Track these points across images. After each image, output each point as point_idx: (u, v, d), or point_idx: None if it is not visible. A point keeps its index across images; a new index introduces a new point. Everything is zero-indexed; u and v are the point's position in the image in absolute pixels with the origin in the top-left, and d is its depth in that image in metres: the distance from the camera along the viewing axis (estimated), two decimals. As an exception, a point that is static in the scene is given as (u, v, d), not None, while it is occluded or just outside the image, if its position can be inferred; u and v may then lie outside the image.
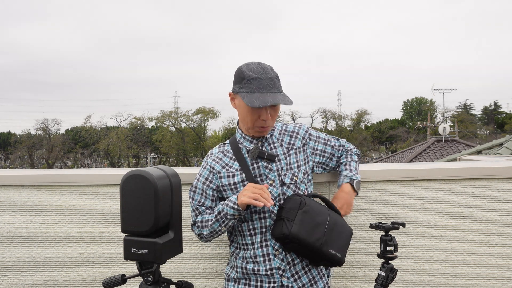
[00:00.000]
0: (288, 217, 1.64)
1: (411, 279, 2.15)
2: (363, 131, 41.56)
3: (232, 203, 1.67)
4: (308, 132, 1.89)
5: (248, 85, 1.65)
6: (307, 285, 1.76)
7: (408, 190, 2.15)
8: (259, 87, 1.64)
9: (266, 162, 1.76)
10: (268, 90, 1.65)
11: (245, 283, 1.78)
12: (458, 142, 17.98)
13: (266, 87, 1.65)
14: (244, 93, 1.66)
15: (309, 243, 1.63)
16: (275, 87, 1.67)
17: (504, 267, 2.14)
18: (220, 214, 1.70)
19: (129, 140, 38.64)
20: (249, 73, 1.66)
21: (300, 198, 1.69)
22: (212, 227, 1.73)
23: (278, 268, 1.73)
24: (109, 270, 2.23)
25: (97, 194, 2.23)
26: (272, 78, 1.67)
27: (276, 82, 1.68)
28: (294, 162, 1.81)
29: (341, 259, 1.69)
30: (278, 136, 1.84)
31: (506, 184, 2.14)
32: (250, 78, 1.65)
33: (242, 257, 1.78)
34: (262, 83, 1.65)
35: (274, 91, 1.66)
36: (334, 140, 1.97)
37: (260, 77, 1.65)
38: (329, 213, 1.71)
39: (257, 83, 1.64)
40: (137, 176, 1.45)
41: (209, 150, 1.91)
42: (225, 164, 1.80)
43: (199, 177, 1.83)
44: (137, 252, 1.47)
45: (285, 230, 1.62)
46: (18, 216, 2.27)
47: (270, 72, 1.68)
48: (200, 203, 1.80)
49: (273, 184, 1.75)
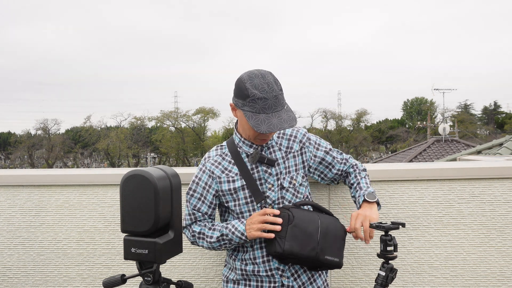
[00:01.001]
0: (279, 234, 1.64)
1: (411, 279, 2.15)
2: (363, 131, 41.53)
3: (239, 233, 1.68)
4: (306, 136, 1.87)
5: (252, 104, 1.59)
6: (307, 283, 1.78)
7: (408, 190, 2.15)
8: (264, 107, 1.59)
9: (265, 166, 1.76)
10: (273, 110, 1.60)
11: (245, 284, 1.78)
12: (458, 142, 17.99)
13: (272, 107, 1.60)
14: (249, 113, 1.60)
15: (305, 255, 1.63)
16: (280, 105, 1.62)
17: (504, 267, 2.14)
18: (223, 237, 1.72)
19: (129, 140, 38.65)
20: (253, 91, 1.59)
21: (288, 212, 1.67)
22: (212, 245, 1.75)
23: (278, 268, 1.73)
24: (109, 270, 2.23)
25: (97, 194, 2.23)
26: (277, 96, 1.61)
27: (281, 99, 1.63)
28: (293, 166, 1.81)
29: (339, 263, 1.68)
30: (277, 140, 1.83)
31: (506, 184, 2.14)
32: (255, 97, 1.58)
33: (241, 259, 1.78)
34: (268, 103, 1.59)
35: (279, 109, 1.62)
36: (337, 153, 1.92)
37: (266, 97, 1.59)
38: (320, 219, 1.69)
39: (262, 103, 1.59)
40: (137, 176, 1.45)
41: (209, 150, 1.90)
42: (224, 168, 1.78)
43: (197, 180, 1.80)
44: (137, 252, 1.46)
45: (278, 249, 1.62)
46: (18, 216, 2.27)
47: (275, 88, 1.61)
48: (196, 208, 1.79)
49: (272, 188, 1.75)
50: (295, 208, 1.70)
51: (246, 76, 1.64)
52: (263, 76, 1.63)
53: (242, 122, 1.72)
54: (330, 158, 1.88)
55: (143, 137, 40.52)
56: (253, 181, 1.74)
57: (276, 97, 1.61)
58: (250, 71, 1.68)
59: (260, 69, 1.68)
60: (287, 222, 1.65)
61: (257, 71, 1.66)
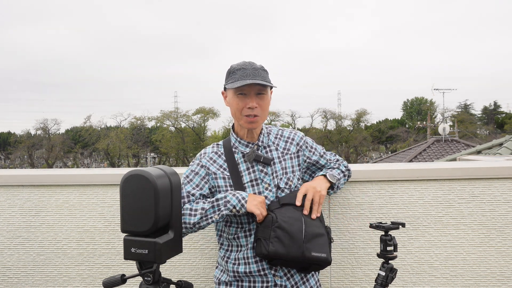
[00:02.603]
0: (264, 236, 1.66)
1: (411, 279, 2.15)
2: (363, 131, 41.51)
3: (240, 197, 1.68)
4: (304, 140, 1.90)
5: (233, 76, 1.74)
6: (300, 282, 1.79)
7: (408, 190, 2.15)
8: (243, 75, 1.71)
9: (261, 166, 1.78)
10: (252, 78, 1.70)
11: (237, 285, 1.78)
12: (458, 142, 17.99)
13: (250, 75, 1.71)
14: (230, 83, 1.74)
15: (291, 255, 1.63)
16: (260, 76, 1.72)
17: (504, 267, 2.14)
18: (219, 200, 1.68)
19: (129, 140, 38.64)
20: (234, 66, 1.77)
21: (271, 214, 1.68)
22: (205, 213, 1.68)
23: (270, 267, 1.74)
24: (109, 270, 2.24)
25: (97, 194, 2.23)
26: (256, 68, 1.74)
27: (261, 72, 1.74)
28: (290, 167, 1.82)
29: (327, 259, 1.67)
30: (274, 140, 1.86)
31: (506, 184, 2.14)
32: (235, 69, 1.75)
33: (234, 259, 1.78)
34: (246, 72, 1.72)
35: (258, 79, 1.71)
36: (331, 155, 1.98)
37: (244, 67, 1.73)
38: (303, 217, 1.70)
39: (241, 73, 1.72)
40: (137, 176, 1.45)
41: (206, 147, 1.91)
42: (219, 166, 1.81)
43: (196, 171, 1.80)
44: (137, 252, 1.46)
45: (264, 251, 1.64)
46: (18, 216, 2.27)
47: (255, 65, 1.75)
48: (191, 193, 1.75)
49: (269, 187, 1.76)
50: (279, 208, 1.71)
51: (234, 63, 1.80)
52: (249, 61, 1.78)
53: (229, 103, 1.80)
54: (324, 161, 1.94)
55: (143, 137, 40.52)
56: (241, 185, 1.76)
57: (255, 69, 1.73)
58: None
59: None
60: (271, 223, 1.66)
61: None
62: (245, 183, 1.77)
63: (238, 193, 1.70)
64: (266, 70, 1.78)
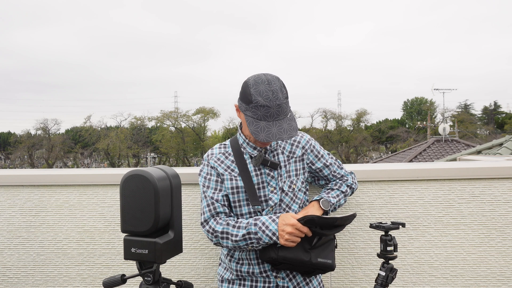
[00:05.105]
0: None
1: (411, 279, 2.15)
2: (363, 131, 41.52)
3: (270, 233, 1.61)
4: (310, 143, 1.87)
5: (255, 110, 1.60)
6: (302, 283, 1.79)
7: (408, 190, 2.15)
8: (266, 115, 1.59)
9: (268, 169, 1.76)
10: (275, 118, 1.60)
11: (239, 284, 1.78)
12: (458, 142, 17.98)
13: (273, 115, 1.59)
14: (250, 119, 1.61)
15: (299, 259, 1.63)
16: (283, 113, 1.61)
17: (504, 267, 2.14)
18: (250, 235, 1.64)
19: (129, 140, 38.65)
20: (257, 97, 1.59)
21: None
22: (238, 244, 1.66)
23: (272, 269, 1.74)
24: (109, 270, 2.23)
25: (97, 194, 2.23)
26: (280, 105, 1.60)
27: (284, 107, 1.61)
28: (293, 171, 1.81)
29: (332, 265, 1.69)
30: (280, 143, 1.83)
31: (506, 184, 2.14)
32: (258, 104, 1.59)
33: (238, 258, 1.78)
34: (270, 111, 1.59)
35: (281, 118, 1.61)
36: (339, 167, 1.92)
37: (268, 105, 1.58)
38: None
39: (264, 111, 1.59)
40: (137, 176, 1.45)
41: (211, 147, 1.89)
42: (227, 167, 1.78)
43: (209, 176, 1.77)
44: (137, 252, 1.46)
45: (273, 255, 1.63)
46: (18, 216, 2.27)
47: (280, 97, 1.60)
48: (214, 199, 1.74)
49: (274, 190, 1.75)
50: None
51: (252, 81, 1.63)
52: (269, 83, 1.61)
53: (244, 125, 1.73)
54: (327, 172, 1.89)
55: (143, 137, 40.52)
56: (251, 184, 1.73)
57: (280, 105, 1.60)
58: (257, 75, 1.66)
59: (268, 74, 1.66)
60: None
61: (264, 76, 1.65)
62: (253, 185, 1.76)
63: (266, 227, 1.62)
64: (287, 97, 1.64)
